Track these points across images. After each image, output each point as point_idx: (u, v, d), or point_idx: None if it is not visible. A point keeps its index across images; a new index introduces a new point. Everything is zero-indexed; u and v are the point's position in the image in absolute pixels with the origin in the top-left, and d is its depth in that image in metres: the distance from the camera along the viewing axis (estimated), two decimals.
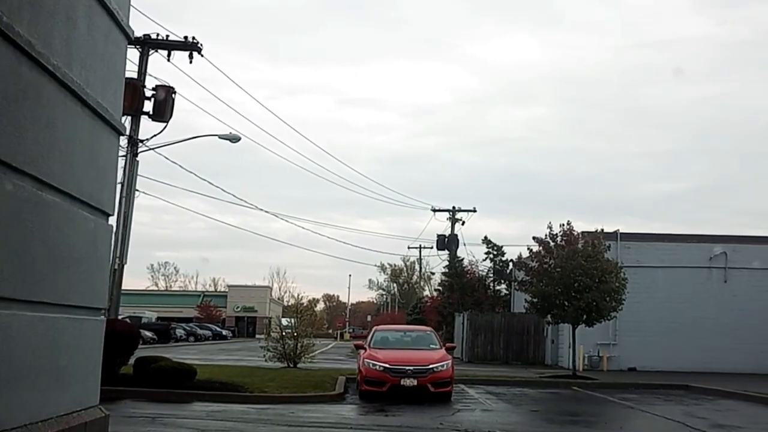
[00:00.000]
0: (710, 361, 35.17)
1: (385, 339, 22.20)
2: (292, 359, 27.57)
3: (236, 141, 26.80)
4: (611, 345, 36.29)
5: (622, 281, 27.31)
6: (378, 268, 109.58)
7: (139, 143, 23.89)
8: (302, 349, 27.66)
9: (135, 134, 23.54)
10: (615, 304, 27.26)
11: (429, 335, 22.44)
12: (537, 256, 28.43)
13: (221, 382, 20.59)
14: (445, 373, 19.88)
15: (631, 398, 21.76)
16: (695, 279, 37.17)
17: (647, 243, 37.57)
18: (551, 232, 28.44)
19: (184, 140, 26.64)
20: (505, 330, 42.24)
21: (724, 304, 36.76)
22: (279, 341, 27.74)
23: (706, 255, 37.24)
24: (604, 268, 26.85)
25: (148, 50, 23.39)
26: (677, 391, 24.49)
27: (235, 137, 26.84)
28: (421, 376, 19.52)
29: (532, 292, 28.04)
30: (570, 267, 26.53)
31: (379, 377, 19.72)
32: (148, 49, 23.38)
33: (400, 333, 23.61)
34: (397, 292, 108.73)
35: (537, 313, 29.00)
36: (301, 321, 28.09)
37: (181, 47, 23.53)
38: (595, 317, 27.34)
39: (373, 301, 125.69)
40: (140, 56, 23.35)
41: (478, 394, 22.04)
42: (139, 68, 23.28)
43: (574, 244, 27.42)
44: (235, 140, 26.79)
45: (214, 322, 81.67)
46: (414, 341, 22.11)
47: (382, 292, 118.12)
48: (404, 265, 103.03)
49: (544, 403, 21.01)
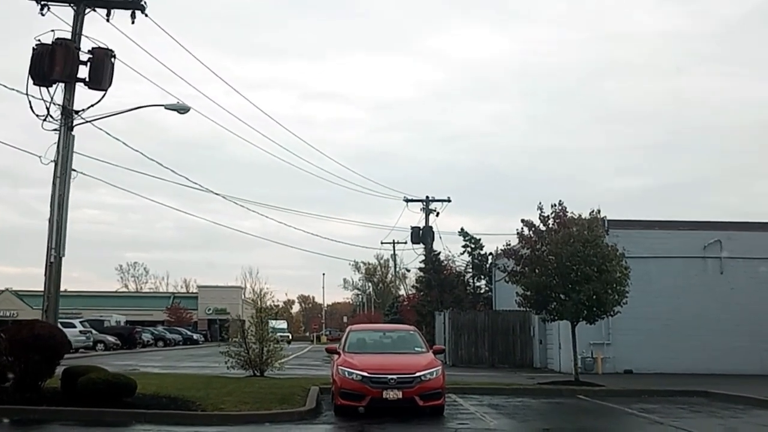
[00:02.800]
0: (711, 361, 31.70)
1: (362, 341, 18.39)
2: (257, 366, 23.82)
3: (185, 112, 23.08)
4: (605, 345, 32.70)
5: (624, 270, 23.72)
6: (352, 266, 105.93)
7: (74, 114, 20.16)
8: (269, 354, 23.92)
9: (69, 104, 19.87)
10: (618, 297, 23.57)
11: (413, 336, 18.66)
12: (528, 242, 24.60)
13: (169, 398, 16.87)
14: (435, 383, 16.24)
15: (652, 409, 18.13)
16: (690, 270, 33.65)
17: (637, 231, 33.55)
18: (542, 214, 24.50)
19: (126, 111, 22.87)
20: (489, 330, 38.56)
21: (721, 298, 33.23)
22: (242, 346, 23.97)
23: (700, 243, 33.76)
24: (605, 255, 23.21)
25: (83, 8, 19.67)
26: (698, 399, 20.94)
27: (184, 107, 23.11)
28: (407, 387, 15.87)
29: (525, 284, 24.20)
30: (566, 254, 22.82)
31: (356, 389, 16.03)
32: (84, 6, 19.65)
33: (380, 334, 19.66)
34: (373, 292, 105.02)
35: (531, 308, 25.08)
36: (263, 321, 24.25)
37: (121, 5, 19.79)
38: (597, 312, 23.65)
39: (350, 301, 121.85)
40: (75, 15, 19.67)
41: (473, 406, 18.36)
42: (74, 29, 19.57)
43: (569, 227, 23.67)
44: (184, 111, 23.07)
45: (184, 326, 77.50)
46: (396, 343, 18.36)
47: (358, 292, 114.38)
48: (378, 264, 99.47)
49: (552, 417, 17.41)
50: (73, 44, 19.18)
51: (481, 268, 49.35)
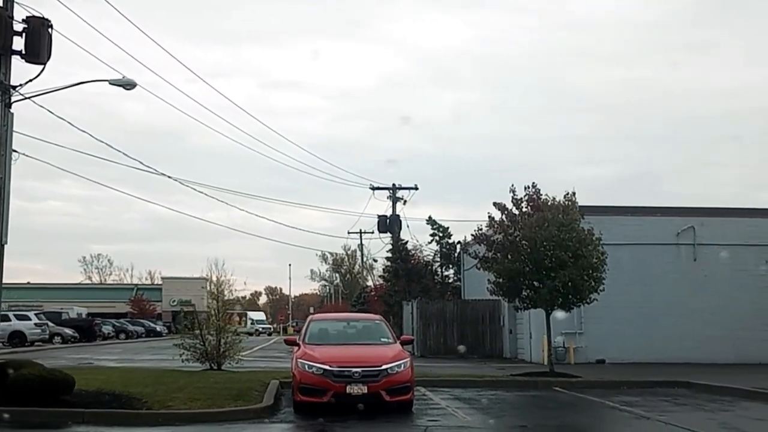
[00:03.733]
0: (684, 350, 30.61)
1: (324, 332, 16.85)
2: (214, 359, 22.24)
3: (131, 87, 21.50)
4: (577, 334, 31.49)
5: (601, 256, 22.39)
6: (319, 257, 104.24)
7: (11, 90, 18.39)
8: (227, 346, 22.34)
9: (5, 78, 18.07)
10: (595, 284, 22.19)
11: (379, 325, 17.09)
12: (500, 226, 23.09)
13: (113, 395, 15.28)
14: (403, 376, 14.80)
15: (634, 402, 16.78)
16: (663, 257, 32.54)
17: (609, 217, 32.13)
18: (515, 197, 22.98)
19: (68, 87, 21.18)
20: (458, 319, 37.26)
21: (695, 286, 32.17)
22: (197, 337, 22.36)
23: (674, 230, 32.66)
24: (581, 239, 21.80)
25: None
26: (680, 390, 19.66)
27: (130, 83, 21.50)
28: (373, 381, 14.41)
29: (497, 271, 22.66)
30: (540, 238, 21.38)
31: (317, 383, 14.55)
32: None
33: (343, 323, 18.08)
34: (341, 283, 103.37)
35: (503, 296, 23.62)
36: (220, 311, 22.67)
37: None
38: (573, 300, 22.26)
39: (317, 292, 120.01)
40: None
41: (444, 401, 16.93)
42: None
43: (543, 211, 22.23)
44: (130, 87, 21.48)
45: (148, 318, 75.38)
46: (361, 334, 16.83)
47: (325, 283, 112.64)
48: (345, 254, 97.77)
49: (529, 412, 16.02)
50: (5, 12, 17.40)
51: (449, 257, 47.96)
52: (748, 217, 33.10)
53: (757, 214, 33.44)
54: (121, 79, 22.39)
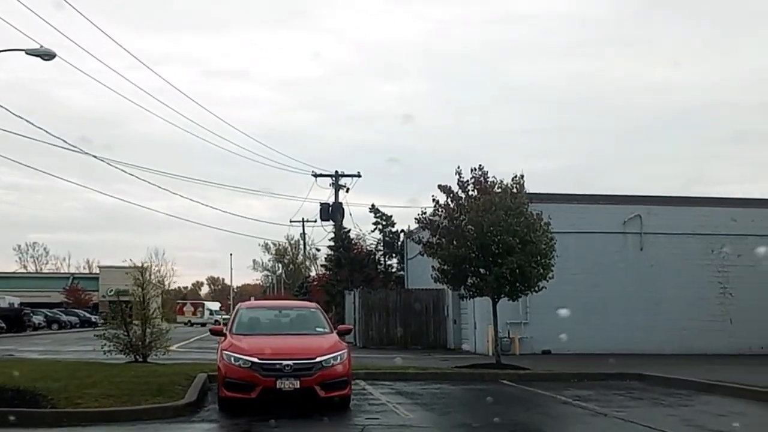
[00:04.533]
0: (631, 341, 29.76)
1: (254, 321, 15.26)
2: (139, 351, 20.56)
3: (49, 58, 19.98)
4: (522, 324, 30.45)
5: (550, 242, 21.20)
6: (262, 247, 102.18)
7: None
8: (153, 336, 20.67)
9: None
10: (544, 271, 20.98)
11: (314, 314, 15.55)
12: (446, 210, 21.65)
13: (16, 391, 13.49)
14: (340, 369, 13.36)
15: (587, 396, 15.55)
16: (609, 246, 31.63)
17: (555, 205, 31.00)
18: (461, 179, 21.46)
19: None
20: (401, 309, 35.96)
21: (641, 275, 31.33)
22: (121, 327, 20.66)
23: (620, 218, 31.76)
24: (530, 224, 20.57)
25: None
26: (633, 383, 18.52)
27: (48, 53, 19.90)
28: (306, 375, 12.96)
29: (441, 257, 21.23)
30: (487, 223, 20.03)
31: (244, 378, 13.03)
32: None
33: (275, 312, 16.38)
34: (284, 273, 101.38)
35: (448, 283, 22.23)
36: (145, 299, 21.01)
37: None
38: (521, 288, 21.01)
39: (260, 282, 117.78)
40: None
41: (385, 395, 15.51)
42: None
43: (490, 194, 20.94)
44: (48, 57, 19.87)
45: (83, 308, 72.65)
46: (294, 323, 15.28)
47: (268, 273, 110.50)
48: (288, 244, 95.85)
49: (476, 408, 14.69)
50: None
51: (392, 246, 46.69)
52: (695, 206, 32.32)
53: (705, 203, 32.71)
54: (39, 49, 20.73)
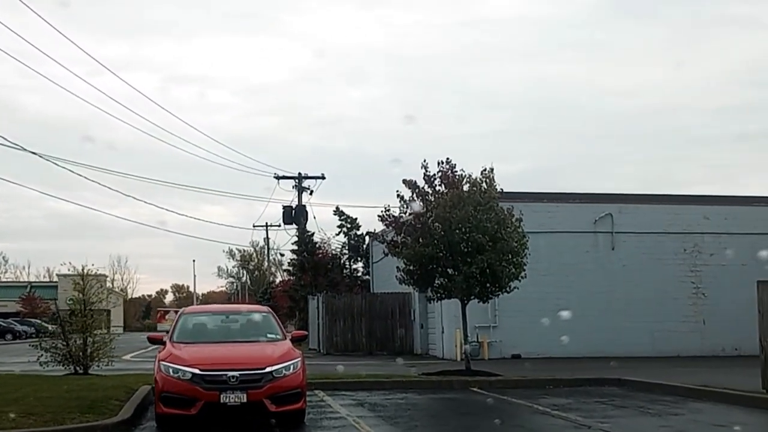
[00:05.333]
0: (602, 343, 28.49)
1: (198, 327, 13.54)
2: (80, 362, 18.75)
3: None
4: (491, 328, 29.01)
5: (522, 239, 19.72)
6: (226, 254, 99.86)
7: None
8: (95, 346, 18.87)
9: None
10: (516, 270, 19.49)
11: (266, 319, 13.81)
12: (410, 206, 20.10)
13: None
14: (293, 380, 11.73)
15: (566, 405, 14.06)
16: (580, 246, 30.29)
17: (524, 204, 29.57)
18: (427, 173, 19.90)
19: None
20: (367, 314, 34.36)
21: (613, 276, 30.04)
22: (59, 337, 18.85)
23: (591, 217, 30.44)
24: (500, 220, 19.09)
25: None
26: (612, 389, 17.06)
27: None
28: (254, 387, 11.33)
29: (407, 256, 19.66)
30: (455, 219, 18.54)
31: (184, 391, 11.36)
32: None
33: (221, 317, 14.56)
34: (248, 279, 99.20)
35: (414, 285, 20.61)
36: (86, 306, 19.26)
37: None
38: (491, 289, 19.48)
39: (225, 289, 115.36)
40: None
41: (345, 407, 13.88)
42: None
43: (458, 188, 19.40)
44: None
45: (41, 317, 70.00)
46: (243, 329, 13.57)
47: (233, 280, 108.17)
48: (254, 250, 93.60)
49: (445, 420, 13.08)
50: None
51: (357, 250, 44.98)
52: (667, 203, 31.13)
53: (677, 201, 31.55)
54: None
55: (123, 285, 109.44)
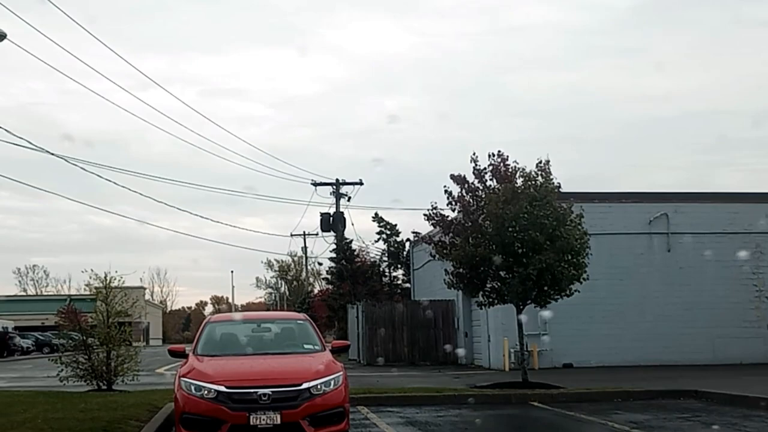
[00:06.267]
0: (658, 351, 26.55)
1: (226, 338, 11.81)
2: (103, 377, 17.17)
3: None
4: (541, 336, 26.91)
5: (583, 237, 17.73)
6: (264, 264, 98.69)
7: None
8: (119, 360, 17.28)
9: None
10: (577, 271, 17.44)
11: (302, 328, 12.05)
12: (460, 202, 18.03)
13: None
14: (334, 397, 9.98)
15: (644, 422, 12.11)
16: (634, 248, 28.23)
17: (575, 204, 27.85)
18: (477, 167, 17.84)
19: None
20: (408, 323, 32.61)
21: (669, 279, 27.95)
22: (82, 351, 17.30)
23: (645, 218, 28.37)
24: (559, 216, 17.11)
25: None
26: (690, 402, 15.01)
27: None
28: (289, 406, 9.62)
29: (456, 258, 17.66)
30: (509, 216, 16.62)
31: (208, 412, 9.67)
32: None
33: (252, 326, 12.74)
34: (287, 290, 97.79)
35: (464, 290, 18.63)
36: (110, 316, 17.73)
37: None
38: (550, 292, 17.50)
39: (263, 300, 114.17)
40: None
41: (393, 427, 12.02)
42: None
43: (511, 182, 17.38)
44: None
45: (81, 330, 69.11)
46: (277, 340, 11.86)
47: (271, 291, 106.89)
48: (291, 260, 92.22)
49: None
50: None
51: (397, 257, 43.15)
52: (726, 202, 28.94)
53: (736, 199, 29.36)
54: None
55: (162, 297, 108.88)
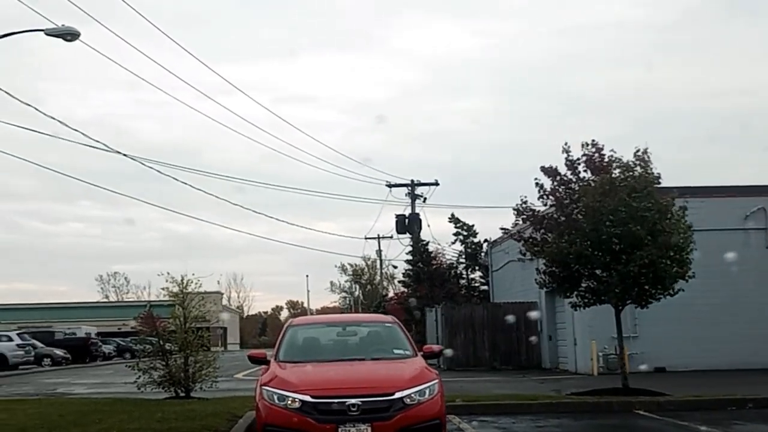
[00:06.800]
0: (758, 354, 24.76)
1: (310, 343, 10.86)
2: (181, 384, 16.45)
3: (72, 39, 16.28)
4: (631, 338, 25.40)
5: (687, 232, 16.25)
6: (338, 268, 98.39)
7: None
8: (197, 366, 16.55)
9: None
10: (681, 269, 16.01)
11: (391, 331, 10.99)
12: (553, 195, 16.75)
13: None
14: (430, 408, 8.99)
15: None
16: (729, 245, 26.27)
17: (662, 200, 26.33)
18: (569, 157, 16.57)
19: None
20: (489, 326, 31.34)
21: (767, 278, 26.20)
22: (159, 357, 16.63)
23: (741, 213, 26.58)
24: (661, 209, 15.68)
25: None
26: None
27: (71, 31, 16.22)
28: (381, 417, 8.68)
29: (549, 255, 16.39)
30: (607, 209, 15.26)
31: (292, 424, 8.77)
32: None
33: (337, 329, 11.49)
34: (361, 294, 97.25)
35: (558, 289, 17.28)
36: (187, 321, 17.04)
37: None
38: (651, 291, 16.11)
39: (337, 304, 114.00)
40: None
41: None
42: None
43: (609, 172, 16.02)
44: (71, 37, 16.23)
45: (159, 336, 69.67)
46: (364, 345, 10.84)
47: (345, 295, 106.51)
48: (365, 264, 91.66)
49: None
50: None
51: (475, 258, 41.88)
52: None
53: None
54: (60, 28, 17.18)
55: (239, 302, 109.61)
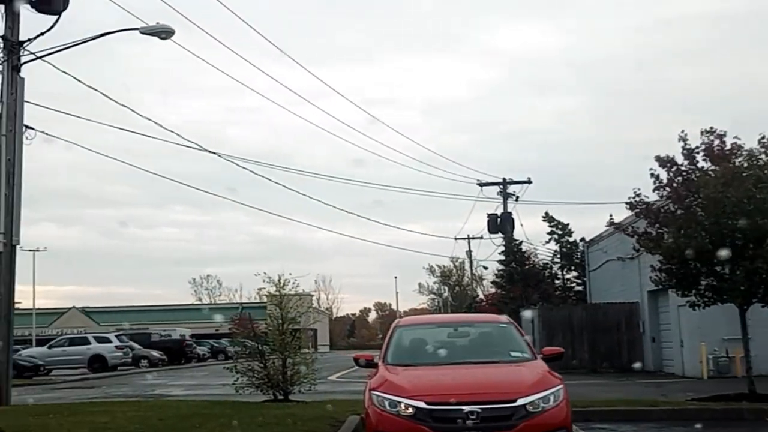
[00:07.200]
0: None
1: (418, 345, 10.05)
2: (280, 387, 15.94)
3: (167, 36, 15.99)
4: None
5: None
6: (426, 270, 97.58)
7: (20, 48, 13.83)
8: (295, 369, 16.01)
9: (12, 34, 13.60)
10: None
11: (506, 332, 10.12)
12: (670, 187, 15.53)
13: None
14: (555, 415, 8.17)
15: None
16: None
17: None
18: (686, 146, 15.48)
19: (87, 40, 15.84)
20: (588, 327, 30.16)
21: None
22: (257, 358, 16.17)
23: None
24: None
25: None
26: None
27: (166, 30, 15.91)
28: (502, 426, 7.90)
29: (666, 251, 15.22)
30: (730, 201, 14.11)
31: (405, 431, 8.02)
32: None
33: (448, 330, 10.58)
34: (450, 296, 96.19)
35: (676, 286, 16.01)
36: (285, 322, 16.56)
37: None
38: None
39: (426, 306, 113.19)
40: None
41: None
42: None
43: (731, 162, 14.85)
44: (166, 35, 15.93)
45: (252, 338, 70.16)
46: (478, 347, 9.97)
47: (434, 296, 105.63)
48: (453, 266, 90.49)
49: None
50: None
51: (570, 257, 40.44)
52: None
53: None
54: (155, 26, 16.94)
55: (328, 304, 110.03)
